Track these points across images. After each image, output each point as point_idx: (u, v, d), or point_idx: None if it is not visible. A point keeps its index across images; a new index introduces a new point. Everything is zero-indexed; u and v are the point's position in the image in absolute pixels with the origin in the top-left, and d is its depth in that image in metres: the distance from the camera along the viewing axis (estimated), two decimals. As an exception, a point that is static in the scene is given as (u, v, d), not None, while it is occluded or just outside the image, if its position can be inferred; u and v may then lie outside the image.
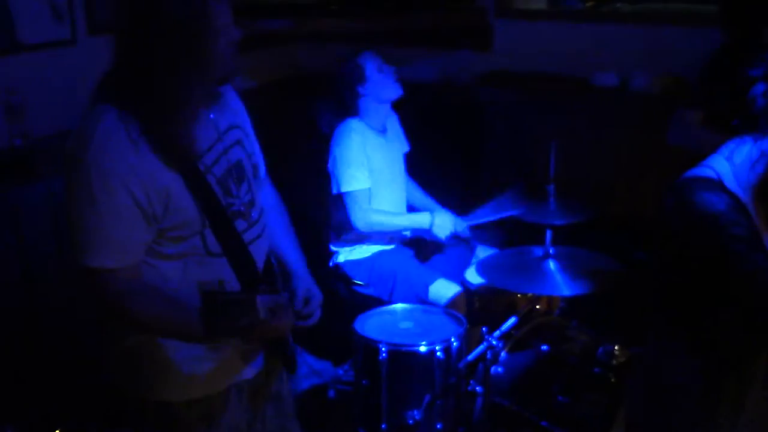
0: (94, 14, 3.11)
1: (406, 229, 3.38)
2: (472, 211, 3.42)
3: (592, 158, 3.97)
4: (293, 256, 2.10)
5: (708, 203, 1.66)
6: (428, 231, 3.28)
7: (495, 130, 4.16)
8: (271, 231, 2.08)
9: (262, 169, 2.12)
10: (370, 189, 3.23)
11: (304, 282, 2.05)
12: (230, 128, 1.92)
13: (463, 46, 4.07)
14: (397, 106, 3.41)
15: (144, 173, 1.69)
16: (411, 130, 3.56)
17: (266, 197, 2.14)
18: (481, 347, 2.59)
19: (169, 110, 1.70)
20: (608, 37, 3.92)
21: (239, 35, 1.77)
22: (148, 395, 1.92)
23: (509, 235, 3.71)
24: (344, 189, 3.21)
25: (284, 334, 1.89)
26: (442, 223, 3.28)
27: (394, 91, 3.30)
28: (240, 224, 1.88)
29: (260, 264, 1.94)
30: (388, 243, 3.40)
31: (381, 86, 3.28)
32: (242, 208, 1.89)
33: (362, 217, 3.20)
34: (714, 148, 2.94)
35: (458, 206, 3.52)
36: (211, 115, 1.86)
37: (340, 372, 3.45)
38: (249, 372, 1.99)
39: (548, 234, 3.18)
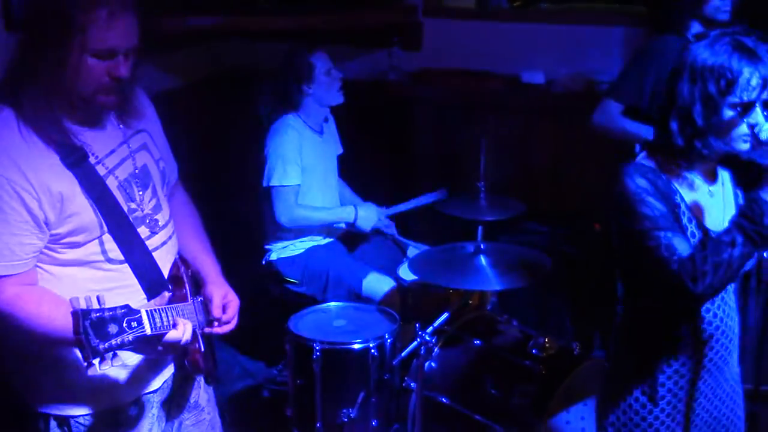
0: (12, 10, 3.01)
1: (330, 224, 3.39)
2: (396, 204, 3.47)
3: (521, 155, 4.04)
4: (206, 263, 2.04)
5: (630, 185, 1.73)
6: (353, 224, 3.32)
7: (425, 127, 4.20)
8: (183, 237, 2.02)
9: (174, 175, 2.05)
10: (299, 186, 3.23)
11: (220, 288, 1.99)
12: (137, 132, 1.87)
13: (393, 44, 4.10)
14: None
15: (36, 177, 1.64)
16: (341, 127, 3.56)
17: (178, 203, 2.08)
18: (414, 343, 2.60)
19: (54, 113, 1.65)
20: (534, 36, 3.99)
21: (122, 69, 1.66)
22: (52, 410, 1.84)
23: (441, 232, 3.74)
24: (272, 183, 3.20)
25: (186, 344, 1.77)
26: (367, 216, 3.32)
27: (336, 99, 3.31)
28: (143, 231, 1.83)
29: (166, 271, 1.88)
30: (325, 237, 3.40)
31: (325, 90, 3.28)
32: (146, 214, 1.84)
33: (286, 212, 3.20)
34: (634, 137, 3.04)
35: (386, 202, 3.55)
36: (116, 119, 1.81)
37: (274, 372, 3.43)
38: (159, 382, 1.94)
39: (479, 230, 3.22)
